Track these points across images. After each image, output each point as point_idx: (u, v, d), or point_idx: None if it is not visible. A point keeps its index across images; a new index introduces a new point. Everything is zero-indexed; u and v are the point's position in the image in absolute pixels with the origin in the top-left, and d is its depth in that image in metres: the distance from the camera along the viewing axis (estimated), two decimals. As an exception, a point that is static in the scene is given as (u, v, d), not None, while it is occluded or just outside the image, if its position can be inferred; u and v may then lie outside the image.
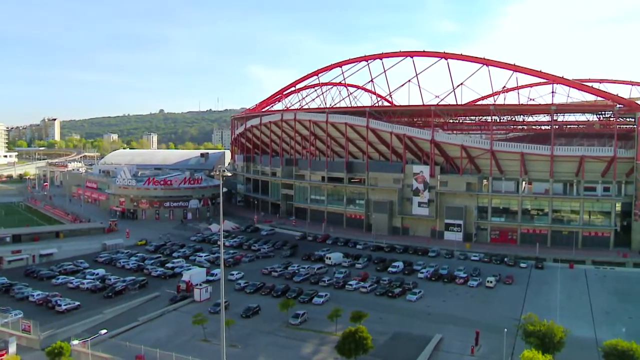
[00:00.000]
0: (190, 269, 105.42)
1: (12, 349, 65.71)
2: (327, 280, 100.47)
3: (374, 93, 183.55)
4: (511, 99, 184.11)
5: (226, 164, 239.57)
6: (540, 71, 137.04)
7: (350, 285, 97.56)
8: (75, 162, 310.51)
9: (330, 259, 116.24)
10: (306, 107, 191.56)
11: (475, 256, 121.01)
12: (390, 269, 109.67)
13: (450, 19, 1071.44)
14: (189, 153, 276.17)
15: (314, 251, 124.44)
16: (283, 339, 72.90)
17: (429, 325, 77.26)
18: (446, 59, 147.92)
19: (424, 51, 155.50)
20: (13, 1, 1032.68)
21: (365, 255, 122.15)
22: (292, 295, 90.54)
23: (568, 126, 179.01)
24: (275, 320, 79.46)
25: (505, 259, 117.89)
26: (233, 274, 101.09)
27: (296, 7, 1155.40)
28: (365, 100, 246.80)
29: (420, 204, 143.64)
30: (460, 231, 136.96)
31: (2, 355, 62.21)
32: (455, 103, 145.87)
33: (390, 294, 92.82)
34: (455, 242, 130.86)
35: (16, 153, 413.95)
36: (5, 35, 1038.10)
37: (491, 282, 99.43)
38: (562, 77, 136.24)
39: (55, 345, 61.25)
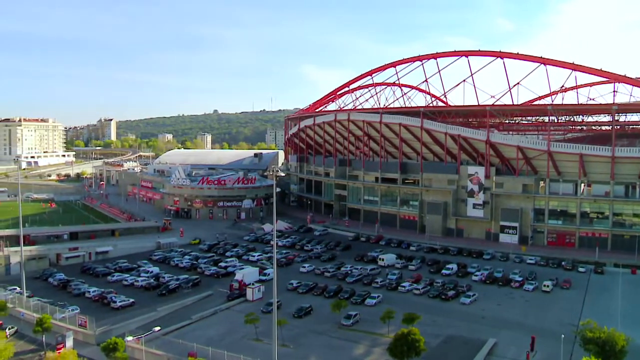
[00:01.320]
0: (243, 268, 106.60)
1: (69, 343, 67.65)
2: (380, 282, 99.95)
3: (428, 93, 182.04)
4: (570, 98, 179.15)
5: (280, 164, 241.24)
6: (601, 70, 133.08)
7: (403, 286, 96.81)
8: (131, 162, 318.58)
9: (383, 260, 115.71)
10: (360, 107, 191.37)
11: (531, 259, 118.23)
12: (443, 271, 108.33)
13: (506, 17, 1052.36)
14: (243, 153, 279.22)
15: (367, 252, 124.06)
16: (335, 339, 72.88)
17: (483, 329, 75.86)
18: (502, 58, 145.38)
19: (479, 50, 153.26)
20: (73, 5, 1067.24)
21: (419, 256, 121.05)
22: (345, 296, 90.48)
23: (631, 126, 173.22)
24: (327, 320, 79.49)
25: (563, 263, 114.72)
26: (292, 283, 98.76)
27: (350, 7, 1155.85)
28: (419, 100, 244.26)
29: (475, 206, 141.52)
30: (516, 234, 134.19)
31: (60, 349, 64.04)
32: (511, 103, 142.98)
33: (443, 297, 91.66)
34: (510, 245, 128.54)
35: (74, 153, 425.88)
36: (63, 38, 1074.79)
37: (548, 286, 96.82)
38: (625, 76, 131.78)
39: (110, 340, 62.60)
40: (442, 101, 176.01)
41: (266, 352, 62.30)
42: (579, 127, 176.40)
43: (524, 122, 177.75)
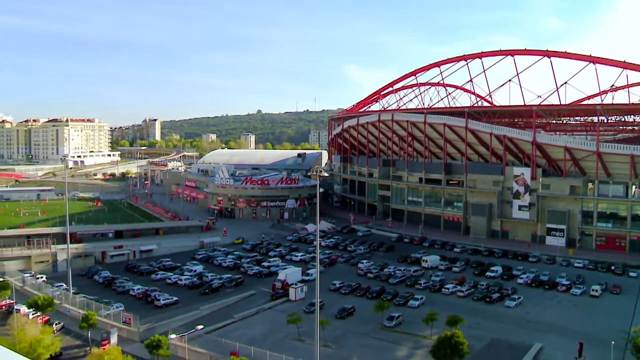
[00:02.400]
0: (285, 268, 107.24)
1: (114, 339, 69.08)
2: (423, 283, 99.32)
3: (473, 93, 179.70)
4: (620, 98, 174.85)
5: (323, 165, 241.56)
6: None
7: (447, 288, 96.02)
8: (175, 162, 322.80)
9: (426, 261, 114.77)
10: (404, 107, 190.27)
11: (579, 263, 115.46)
12: (488, 273, 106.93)
13: (554, 15, 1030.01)
14: (286, 153, 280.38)
15: (410, 253, 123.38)
16: (377, 341, 72.80)
17: (529, 333, 74.62)
18: (549, 57, 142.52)
19: (525, 49, 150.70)
20: (121, 7, 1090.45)
21: (463, 258, 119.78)
22: (388, 297, 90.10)
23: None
24: (370, 321, 79.42)
25: (613, 267, 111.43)
26: (335, 284, 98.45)
27: (394, 6, 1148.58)
28: (464, 100, 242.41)
29: (520, 207, 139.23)
30: (563, 236, 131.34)
31: (105, 345, 65.36)
32: (558, 103, 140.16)
33: (487, 299, 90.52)
34: (557, 248, 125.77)
35: (119, 152, 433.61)
36: (110, 39, 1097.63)
37: (597, 290, 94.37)
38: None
39: (154, 338, 63.86)
40: (487, 101, 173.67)
41: (308, 353, 62.56)
42: (630, 127, 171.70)
43: (571, 122, 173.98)
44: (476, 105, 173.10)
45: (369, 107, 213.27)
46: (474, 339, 68.11)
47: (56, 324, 76.92)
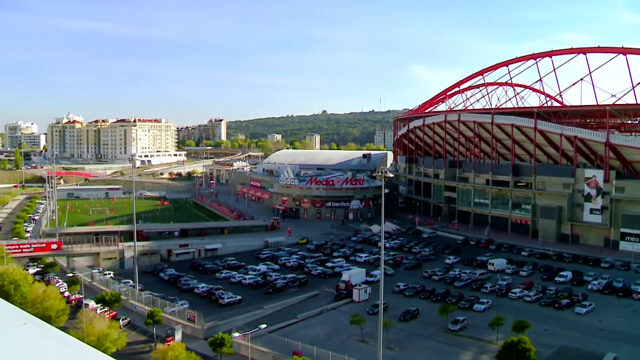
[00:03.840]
0: (350, 268, 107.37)
1: (178, 336, 70.74)
2: (490, 287, 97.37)
3: (543, 93, 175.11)
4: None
5: (388, 165, 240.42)
6: None
7: (514, 293, 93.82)
8: (240, 161, 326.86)
9: (493, 264, 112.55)
10: (470, 107, 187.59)
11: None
12: (557, 278, 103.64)
13: (630, 10, 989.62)
14: (351, 154, 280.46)
15: (476, 256, 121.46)
16: (441, 344, 72.02)
17: (601, 342, 71.84)
18: (625, 55, 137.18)
19: (598, 47, 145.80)
20: (187, 8, 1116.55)
21: (530, 262, 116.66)
22: (452, 300, 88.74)
23: None
24: (434, 324, 78.63)
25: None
26: (399, 285, 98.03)
27: (461, 5, 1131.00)
28: (533, 100, 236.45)
29: (592, 211, 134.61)
30: (639, 242, 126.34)
31: (169, 341, 66.96)
32: (634, 102, 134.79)
33: (556, 305, 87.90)
34: (632, 253, 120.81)
35: (185, 152, 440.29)
36: (176, 40, 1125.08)
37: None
38: None
39: (217, 336, 65.04)
40: (558, 101, 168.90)
41: (371, 354, 62.52)
42: None
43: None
44: (546, 105, 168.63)
45: (435, 107, 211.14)
46: (541, 346, 66.29)
47: (123, 320, 79.38)
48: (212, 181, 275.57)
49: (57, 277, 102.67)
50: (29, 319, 3.68)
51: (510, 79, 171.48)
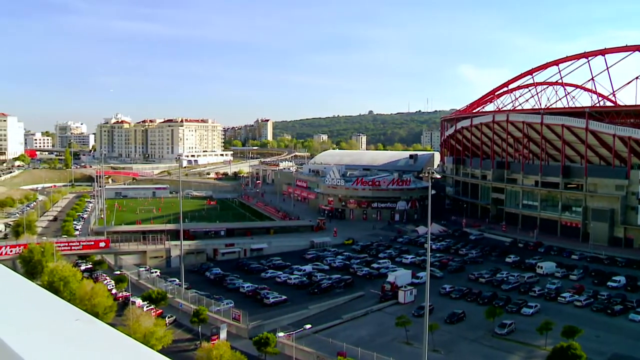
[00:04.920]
0: (395, 270, 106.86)
1: (223, 335, 71.44)
2: (538, 291, 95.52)
3: (595, 92, 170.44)
4: None
5: (435, 166, 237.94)
6: None
7: (563, 297, 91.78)
8: (287, 161, 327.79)
9: (542, 268, 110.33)
10: (519, 107, 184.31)
11: None
12: (609, 283, 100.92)
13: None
14: (398, 154, 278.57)
15: (524, 259, 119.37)
16: (487, 348, 71.05)
17: (657, 351, 69.61)
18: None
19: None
20: (234, 10, 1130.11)
21: (581, 266, 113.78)
22: (500, 303, 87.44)
23: None
24: (480, 328, 77.63)
25: None
26: (445, 288, 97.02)
27: (509, 4, 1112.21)
28: (584, 100, 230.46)
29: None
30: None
31: (214, 340, 67.71)
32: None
33: (609, 311, 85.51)
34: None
35: (231, 152, 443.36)
36: (223, 41, 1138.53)
37: None
38: None
39: (262, 335, 65.52)
40: (611, 100, 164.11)
41: (416, 356, 62.16)
42: None
43: None
44: (598, 105, 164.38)
45: (483, 107, 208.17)
46: (592, 352, 64.74)
47: (168, 318, 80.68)
48: (258, 181, 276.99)
49: (104, 275, 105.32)
50: (81, 315, 3.87)
51: (561, 78, 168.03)
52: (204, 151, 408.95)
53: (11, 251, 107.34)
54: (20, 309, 4.06)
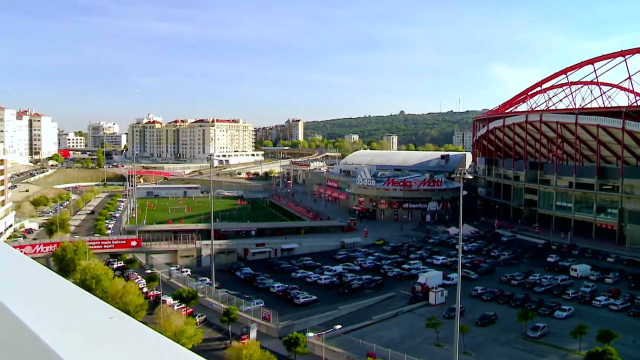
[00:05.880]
0: (426, 271, 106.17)
1: (253, 334, 71.53)
2: (572, 294, 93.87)
3: (632, 91, 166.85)
4: None
5: (467, 167, 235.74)
6: None
7: (598, 301, 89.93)
8: (317, 162, 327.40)
9: (576, 270, 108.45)
10: (553, 108, 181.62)
11: None
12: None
13: None
14: (429, 155, 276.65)
15: (558, 261, 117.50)
16: (519, 351, 70.05)
17: (697, 358, 67.75)
18: None
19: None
20: (261, 11, 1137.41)
21: (617, 269, 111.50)
22: (532, 306, 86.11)
23: None
24: (512, 330, 76.63)
25: None
26: (477, 290, 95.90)
27: (541, 2, 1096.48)
28: (621, 99, 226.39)
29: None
30: None
31: (244, 339, 67.95)
32: None
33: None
34: None
35: (262, 152, 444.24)
36: (253, 41, 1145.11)
37: None
38: None
39: (292, 335, 65.67)
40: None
41: (446, 358, 61.86)
42: None
43: None
44: (635, 104, 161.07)
45: (516, 107, 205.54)
46: (629, 358, 63.47)
47: (199, 317, 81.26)
48: (289, 181, 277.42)
49: (136, 274, 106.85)
50: (115, 313, 3.93)
51: (596, 77, 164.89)
52: (235, 151, 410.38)
53: (45, 249, 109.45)
54: (57, 307, 4.13)
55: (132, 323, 3.82)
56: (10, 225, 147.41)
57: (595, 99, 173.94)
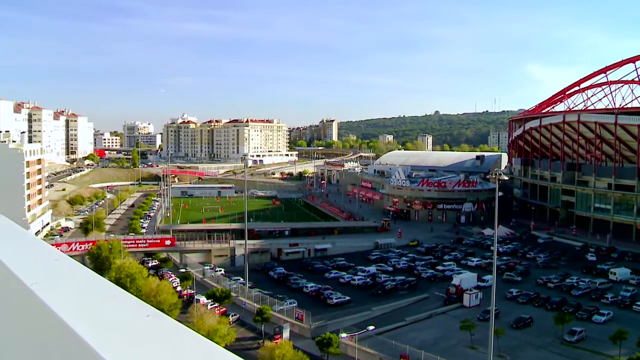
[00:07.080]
0: (461, 272, 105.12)
1: (286, 334, 71.65)
2: (611, 298, 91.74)
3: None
4: None
5: (502, 167, 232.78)
6: None
7: (638, 305, 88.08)
8: (352, 162, 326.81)
9: (615, 274, 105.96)
10: (591, 107, 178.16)
11: None
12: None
13: None
14: (464, 155, 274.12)
15: (596, 264, 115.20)
16: (555, 355, 68.76)
17: None
18: None
19: None
20: (302, 10, 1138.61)
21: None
22: (569, 309, 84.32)
23: None
24: (548, 334, 75.30)
25: None
26: (512, 292, 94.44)
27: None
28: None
29: None
30: None
31: (277, 339, 68.10)
32: None
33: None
34: None
35: (296, 152, 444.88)
36: (287, 42, 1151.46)
37: None
38: None
39: (325, 335, 65.62)
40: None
41: (481, 362, 61.07)
42: None
43: None
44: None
45: (553, 107, 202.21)
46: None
47: (232, 316, 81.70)
48: (323, 181, 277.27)
49: (170, 272, 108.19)
50: (152, 311, 3.92)
51: (638, 76, 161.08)
52: (269, 151, 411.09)
53: (81, 247, 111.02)
54: (95, 305, 4.15)
55: (168, 321, 3.80)
56: (47, 224, 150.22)
57: (636, 98, 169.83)
